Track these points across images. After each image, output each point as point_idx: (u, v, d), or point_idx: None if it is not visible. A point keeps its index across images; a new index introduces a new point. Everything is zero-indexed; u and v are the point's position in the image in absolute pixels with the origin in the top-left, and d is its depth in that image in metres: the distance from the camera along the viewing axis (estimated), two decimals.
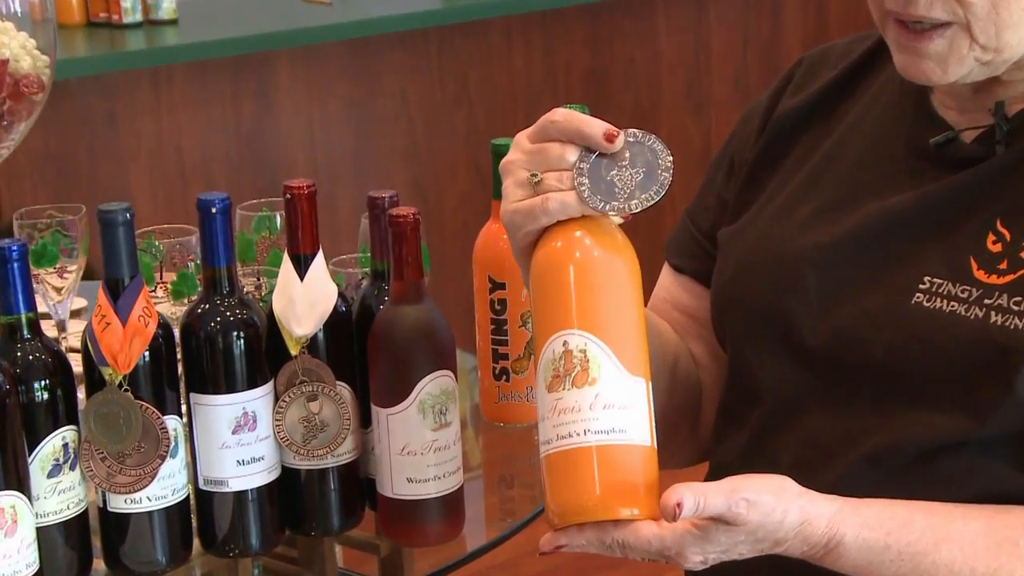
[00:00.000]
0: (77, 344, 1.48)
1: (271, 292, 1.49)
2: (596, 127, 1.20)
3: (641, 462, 1.14)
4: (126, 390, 1.39)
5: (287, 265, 1.47)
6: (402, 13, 3.78)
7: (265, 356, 1.46)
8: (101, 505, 1.44)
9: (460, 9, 3.94)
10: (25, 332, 1.37)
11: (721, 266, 1.43)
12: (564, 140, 1.21)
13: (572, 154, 1.20)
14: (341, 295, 1.50)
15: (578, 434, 1.14)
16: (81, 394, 1.43)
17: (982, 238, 1.22)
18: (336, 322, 1.49)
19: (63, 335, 1.72)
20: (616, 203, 1.20)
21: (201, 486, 1.47)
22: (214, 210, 1.42)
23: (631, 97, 4.33)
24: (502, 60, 4.06)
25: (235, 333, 1.44)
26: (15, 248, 1.35)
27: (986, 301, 1.20)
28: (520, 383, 1.73)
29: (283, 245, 1.56)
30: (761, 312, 1.34)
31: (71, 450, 1.40)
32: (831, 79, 1.42)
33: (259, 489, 1.47)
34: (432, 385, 1.47)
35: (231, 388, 1.44)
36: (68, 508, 1.40)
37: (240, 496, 1.46)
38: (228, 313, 1.44)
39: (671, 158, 1.22)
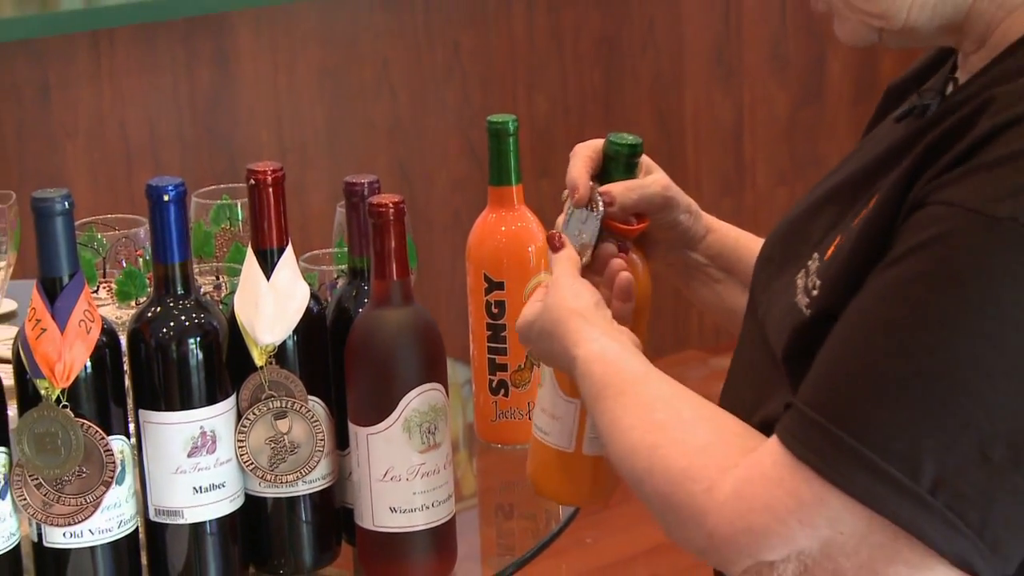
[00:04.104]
0: (7, 354, 1.49)
1: (233, 293, 1.51)
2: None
3: (559, 461, 1.50)
4: (65, 406, 1.40)
5: (251, 262, 1.49)
6: None
7: (226, 367, 1.48)
8: (36, 539, 1.45)
9: None
10: None
11: None
12: None
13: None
14: (313, 296, 1.52)
15: (534, 423, 1.54)
16: (12, 411, 1.45)
17: (858, 216, 1.27)
18: (308, 328, 1.50)
19: None
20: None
21: (152, 517, 1.48)
22: (166, 198, 1.43)
23: (650, 66, 4.34)
24: (499, 22, 4.07)
25: (191, 340, 1.45)
26: None
27: (800, 279, 1.30)
28: (520, 398, 1.74)
29: (246, 238, 1.57)
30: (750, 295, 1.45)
31: (1, 476, 1.41)
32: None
33: (219, 520, 1.48)
34: (419, 400, 1.48)
35: (186, 404, 1.45)
36: None
37: (197, 529, 1.48)
38: (183, 317, 1.45)
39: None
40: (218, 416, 1.47)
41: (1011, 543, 1.14)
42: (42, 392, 1.40)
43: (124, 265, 1.63)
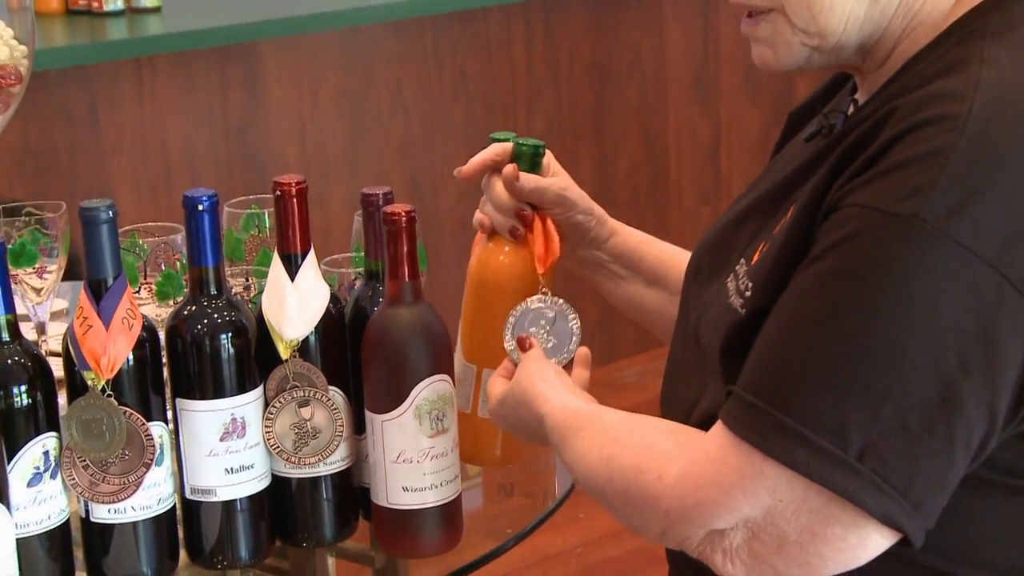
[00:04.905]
0: (58, 347, 1.48)
1: (260, 293, 1.50)
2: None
3: (463, 423, 1.54)
4: (109, 395, 1.39)
5: (277, 265, 1.48)
6: (397, 0, 3.79)
7: (254, 360, 1.47)
8: (83, 515, 1.45)
9: None
10: (3, 335, 1.38)
11: None
12: None
13: None
14: (333, 296, 1.51)
15: None
16: (62, 400, 1.44)
17: (778, 224, 1.28)
18: (328, 324, 1.50)
19: (43, 338, 1.73)
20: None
21: (188, 495, 1.48)
22: (201, 207, 1.43)
23: (636, 88, 4.34)
24: (501, 50, 4.07)
25: (223, 336, 1.44)
26: None
27: (731, 283, 1.31)
28: None
29: (273, 244, 1.56)
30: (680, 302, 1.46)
31: (52, 458, 1.41)
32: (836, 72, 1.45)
33: (248, 498, 1.48)
34: (429, 390, 1.48)
35: (219, 393, 1.45)
36: (49, 518, 1.41)
37: (228, 505, 1.47)
38: (216, 315, 1.45)
39: (578, 337, 1.53)
40: (247, 404, 1.46)
41: (930, 501, 1.15)
42: (89, 382, 1.39)
43: (163, 268, 1.63)
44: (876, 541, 1.16)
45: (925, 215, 1.12)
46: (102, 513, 1.43)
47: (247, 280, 1.63)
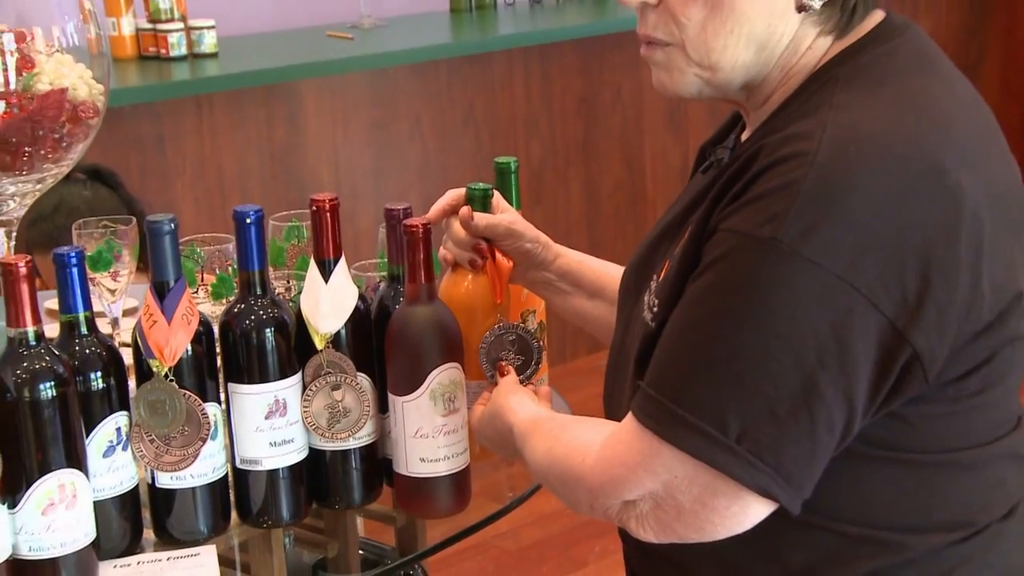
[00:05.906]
0: (128, 339, 1.48)
1: (299, 293, 1.50)
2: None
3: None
4: (171, 380, 1.39)
5: (313, 269, 1.47)
6: (416, 46, 3.79)
7: (294, 350, 1.46)
8: (150, 482, 1.44)
9: (468, 43, 3.95)
10: (83, 329, 1.38)
11: None
12: None
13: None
14: (361, 296, 1.50)
15: None
16: (132, 383, 1.43)
17: (678, 245, 1.28)
18: (357, 320, 1.49)
19: (116, 331, 1.72)
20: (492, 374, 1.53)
21: (238, 465, 1.47)
22: (248, 220, 1.42)
23: (618, 120, 4.33)
24: (504, 87, 4.07)
25: (267, 330, 1.44)
26: (74, 254, 1.36)
27: (646, 298, 1.30)
28: None
29: (310, 252, 1.56)
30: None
31: (123, 433, 1.40)
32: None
33: (289, 468, 1.47)
34: (442, 376, 1.47)
35: (264, 378, 1.44)
36: (121, 484, 1.40)
37: (272, 474, 1.46)
38: (261, 312, 1.44)
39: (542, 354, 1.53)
40: (288, 388, 1.45)
41: (799, 475, 1.16)
42: (154, 369, 1.39)
43: (217, 272, 1.62)
44: (756, 509, 1.18)
45: (781, 237, 1.12)
46: (165, 480, 1.42)
47: (288, 282, 1.62)
